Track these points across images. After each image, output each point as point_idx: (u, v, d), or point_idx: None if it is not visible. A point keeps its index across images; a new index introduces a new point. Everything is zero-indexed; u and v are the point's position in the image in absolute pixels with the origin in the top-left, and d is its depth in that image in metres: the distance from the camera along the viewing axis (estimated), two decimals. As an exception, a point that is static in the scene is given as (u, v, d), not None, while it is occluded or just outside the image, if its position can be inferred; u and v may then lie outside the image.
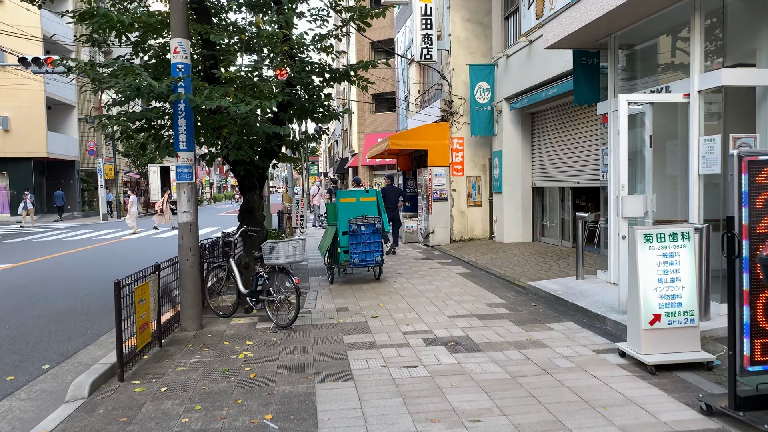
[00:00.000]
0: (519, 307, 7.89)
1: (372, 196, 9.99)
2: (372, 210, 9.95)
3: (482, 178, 15.48)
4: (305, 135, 9.64)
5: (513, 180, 14.11)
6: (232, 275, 7.69)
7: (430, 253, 14.04)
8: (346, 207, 9.86)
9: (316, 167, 37.34)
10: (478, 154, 15.44)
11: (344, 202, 9.87)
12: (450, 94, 15.25)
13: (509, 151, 14.11)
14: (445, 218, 15.25)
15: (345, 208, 9.85)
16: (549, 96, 11.65)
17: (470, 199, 15.41)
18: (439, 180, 15.21)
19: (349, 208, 9.86)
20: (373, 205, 9.97)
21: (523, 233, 14.16)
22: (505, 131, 14.12)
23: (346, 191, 9.70)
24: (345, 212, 9.84)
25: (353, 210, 9.86)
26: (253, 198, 8.75)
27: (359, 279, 10.55)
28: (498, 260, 11.85)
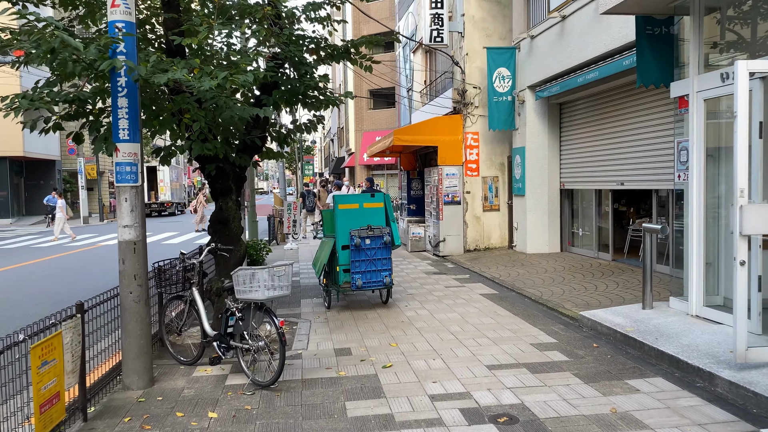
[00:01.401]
0: (577, 349, 5.96)
1: (379, 201, 8.06)
2: (379, 218, 8.03)
3: (500, 178, 13.56)
4: (296, 125, 7.68)
5: (538, 181, 12.20)
6: (195, 309, 5.74)
7: (441, 266, 12.12)
8: (346, 215, 7.93)
9: (311, 167, 35.37)
10: (496, 151, 13.52)
11: (344, 209, 7.94)
12: (463, 83, 13.33)
13: (533, 148, 12.20)
14: (458, 224, 13.33)
15: (345, 217, 7.92)
16: (587, 81, 9.74)
17: (486, 202, 13.50)
18: (450, 181, 13.29)
19: (351, 216, 7.93)
20: (380, 212, 8.05)
21: (549, 242, 12.24)
22: (529, 125, 12.20)
23: (346, 195, 7.78)
24: (345, 221, 7.91)
25: (355, 219, 7.93)
26: (227, 205, 6.80)
27: (362, 302, 8.62)
28: (526, 277, 9.94)
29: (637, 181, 9.61)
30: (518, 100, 12.44)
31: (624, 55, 8.64)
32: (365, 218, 7.96)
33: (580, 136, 11.47)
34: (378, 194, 8.07)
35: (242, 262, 6.91)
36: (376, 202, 8.03)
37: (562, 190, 12.30)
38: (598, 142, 10.75)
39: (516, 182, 12.73)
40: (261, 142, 7.19)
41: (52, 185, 34.86)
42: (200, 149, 5.88)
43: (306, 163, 35.02)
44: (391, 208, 8.13)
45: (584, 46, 9.85)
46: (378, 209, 8.03)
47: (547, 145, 12.18)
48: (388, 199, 8.14)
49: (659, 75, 7.03)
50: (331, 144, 56.49)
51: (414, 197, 16.56)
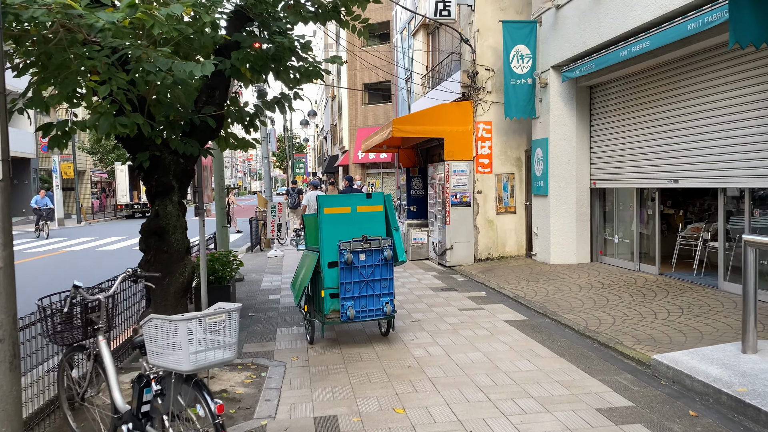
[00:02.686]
0: (669, 421, 4.06)
1: (377, 203, 6.14)
2: (377, 226, 6.12)
3: (516, 176, 11.67)
4: (264, 100, 5.72)
5: (564, 178, 10.30)
6: (102, 368, 3.79)
7: (450, 279, 10.21)
8: (334, 222, 6.01)
9: (302, 165, 33.43)
10: (512, 143, 11.62)
11: (331, 214, 6.02)
12: (474, 64, 11.42)
13: (559, 139, 10.31)
14: (467, 229, 11.42)
15: (332, 224, 6.01)
16: (634, 54, 7.86)
17: (500, 203, 11.60)
18: (459, 179, 11.38)
19: (340, 223, 6.02)
20: (378, 218, 6.13)
21: (577, 251, 10.34)
22: (553, 112, 10.31)
23: (333, 196, 5.86)
24: (332, 230, 5.99)
25: (346, 226, 6.02)
26: (165, 210, 4.87)
27: (355, 332, 6.70)
28: (558, 295, 8.04)
29: (700, 178, 7.73)
30: (540, 83, 10.54)
31: (688, 17, 6.76)
32: (359, 226, 6.04)
33: (616, 125, 9.58)
34: (376, 195, 6.13)
35: (187, 290, 4.98)
36: (373, 204, 6.11)
37: (592, 189, 10.40)
38: (642, 130, 8.87)
39: (536, 180, 10.83)
40: (216, 123, 5.26)
41: (27, 185, 32.80)
42: (110, 125, 3.94)
43: (297, 161, 33.07)
44: (393, 213, 6.21)
45: (628, 11, 7.96)
46: (376, 214, 6.11)
47: (575, 135, 10.29)
48: (389, 200, 6.21)
49: (762, 31, 5.14)
50: (324, 142, 54.58)
51: (414, 197, 14.65)
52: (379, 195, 6.14)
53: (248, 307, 8.29)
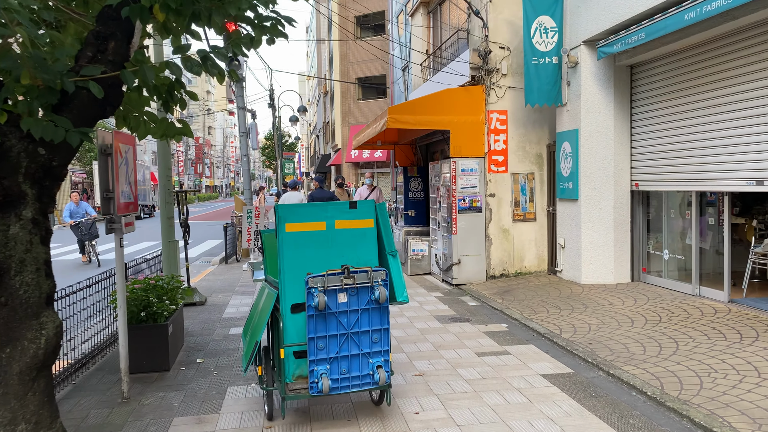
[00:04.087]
0: None
1: (366, 216, 4.17)
2: (366, 251, 4.17)
3: (537, 176, 9.73)
4: (185, 56, 3.74)
5: (598, 179, 8.38)
6: None
7: (459, 303, 8.27)
8: (301, 244, 4.06)
9: (291, 165, 31.42)
10: (532, 137, 9.68)
11: (296, 232, 4.05)
12: (485, 41, 9.47)
13: (592, 131, 8.38)
14: (478, 240, 9.48)
15: (299, 247, 4.06)
16: (705, 17, 5.94)
17: (518, 209, 9.66)
18: (468, 179, 9.44)
19: (310, 245, 4.07)
20: (367, 238, 4.18)
21: (615, 268, 8.41)
22: (585, 97, 8.38)
23: (299, 205, 3.88)
24: (299, 256, 4.05)
25: (320, 251, 4.07)
26: (5, 234, 2.89)
27: (335, 401, 4.72)
28: (606, 332, 6.10)
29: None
30: (568, 62, 8.61)
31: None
32: (338, 251, 4.08)
33: (667, 112, 7.65)
34: (364, 204, 4.16)
35: (45, 368, 3.00)
36: (359, 218, 4.14)
37: (634, 192, 8.47)
38: (705, 118, 6.94)
39: (563, 181, 8.90)
40: (113, 92, 3.30)
41: None
42: None
43: (286, 160, 31.06)
44: (389, 229, 4.24)
45: (700, -42, 6.03)
46: (364, 233, 4.15)
47: (613, 126, 8.35)
48: (382, 211, 4.23)
49: None
50: (316, 141, 52.60)
51: (413, 201, 12.70)
52: (369, 205, 4.17)
53: (198, 348, 6.32)
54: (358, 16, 31.26)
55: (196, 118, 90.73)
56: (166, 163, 7.43)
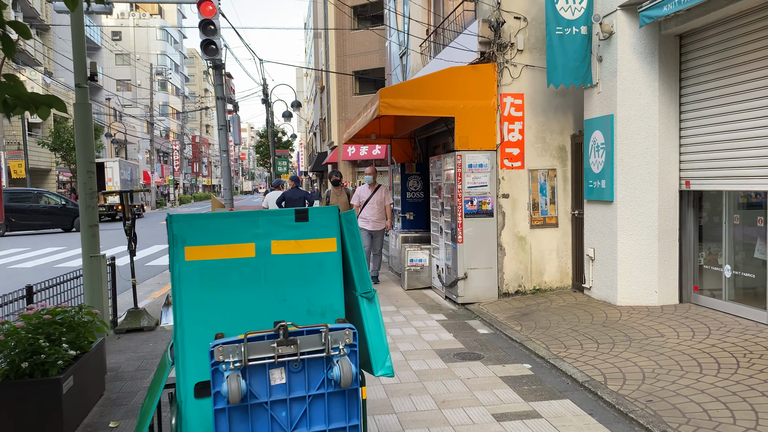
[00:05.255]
0: None
1: (325, 233, 2.56)
2: (324, 289, 2.55)
3: (559, 172, 8.10)
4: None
5: (639, 175, 6.76)
6: None
7: (467, 331, 6.65)
8: (212, 280, 2.43)
9: (285, 163, 29.78)
10: (553, 126, 8.06)
11: (204, 262, 2.43)
12: (498, 11, 7.85)
13: (631, 117, 6.76)
14: (488, 250, 7.87)
15: (208, 286, 2.43)
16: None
17: (536, 212, 8.04)
18: (476, 176, 7.83)
19: (227, 282, 2.44)
20: (326, 267, 2.56)
21: (660, 287, 6.79)
22: (623, 75, 6.76)
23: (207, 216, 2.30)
24: (208, 302, 2.42)
25: (242, 292, 2.45)
26: None
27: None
28: (669, 381, 4.49)
29: None
30: (600, 33, 6.99)
31: None
32: (276, 291, 2.49)
33: (728, 91, 6.02)
34: (321, 213, 2.54)
35: None
36: (313, 236, 2.53)
37: (683, 192, 6.85)
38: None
39: (593, 178, 7.28)
40: None
41: None
42: None
43: (279, 157, 29.45)
44: (360, 253, 2.60)
45: None
46: (320, 260, 2.54)
47: (657, 111, 6.73)
48: (350, 222, 2.60)
49: None
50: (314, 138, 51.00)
51: (412, 202, 11.08)
52: (329, 214, 2.55)
53: (121, 400, 4.70)
54: (355, 6, 29.64)
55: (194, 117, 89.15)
56: (86, 149, 5.76)
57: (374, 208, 9.71)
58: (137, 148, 57.02)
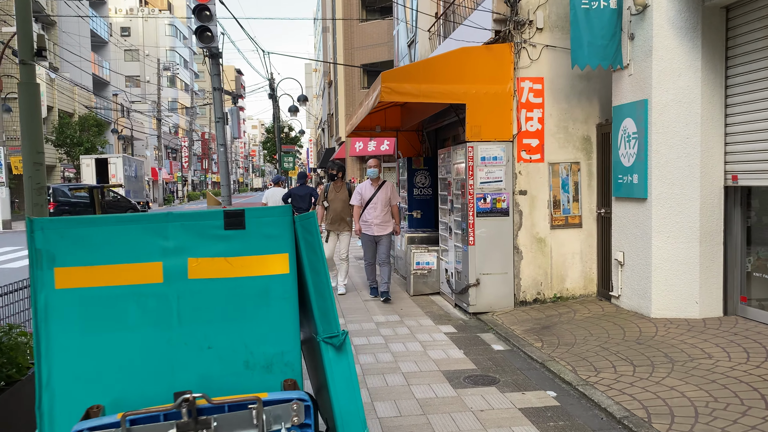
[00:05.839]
0: None
1: (270, 247, 1.73)
2: (267, 331, 1.72)
3: (583, 166, 7.23)
4: None
5: (677, 169, 5.89)
6: None
7: (479, 347, 5.82)
8: (97, 318, 1.60)
9: (291, 158, 29.01)
10: (576, 113, 7.18)
11: (86, 291, 1.61)
12: (514, -16, 6.98)
13: (669, 102, 5.88)
14: (504, 252, 7.02)
15: (91, 328, 1.59)
16: None
17: (557, 211, 7.18)
18: (490, 171, 6.98)
19: (122, 321, 1.60)
20: (272, 298, 1.74)
21: (702, 296, 5.91)
22: (659, 54, 5.88)
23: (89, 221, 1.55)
24: (91, 350, 1.59)
25: (145, 336, 1.60)
26: None
27: None
28: (729, 418, 3.63)
29: None
30: (632, 7, 6.11)
31: None
32: (195, 335, 1.66)
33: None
34: (262, 215, 1.73)
35: None
36: (251, 252, 1.71)
37: (730, 188, 5.96)
38: None
39: (623, 173, 6.40)
40: None
41: None
42: None
43: (286, 153, 28.69)
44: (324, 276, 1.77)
45: None
46: (263, 287, 1.72)
47: (700, 95, 5.84)
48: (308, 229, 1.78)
49: None
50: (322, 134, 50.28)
51: (419, 199, 10.25)
52: (278, 217, 1.73)
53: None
54: (362, -4, 28.83)
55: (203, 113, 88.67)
56: (33, 136, 4.96)
57: (379, 209, 8.18)
58: (145, 144, 56.53)
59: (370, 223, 8.19)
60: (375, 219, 8.16)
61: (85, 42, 41.76)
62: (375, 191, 8.26)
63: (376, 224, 8.18)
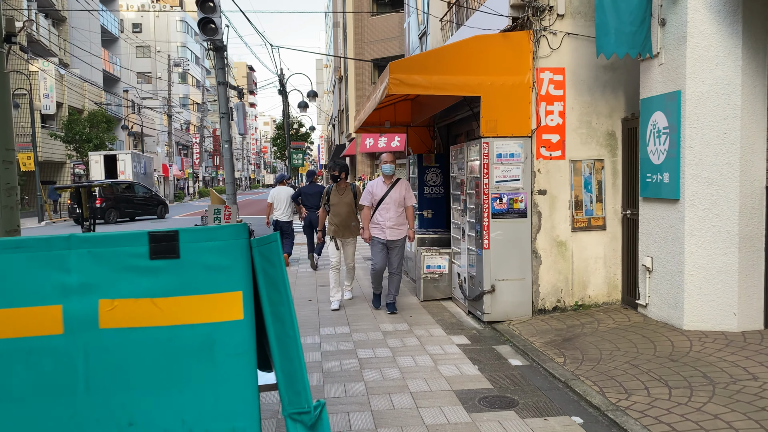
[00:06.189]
0: None
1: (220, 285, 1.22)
2: (222, 392, 1.22)
3: (608, 163, 6.70)
4: None
5: (714, 167, 5.36)
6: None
7: (494, 361, 5.33)
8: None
9: (300, 155, 28.60)
10: (600, 107, 6.65)
11: None
12: (533, -33, 6.46)
13: (705, 94, 5.34)
14: (521, 257, 6.52)
15: None
16: None
17: (579, 212, 6.66)
18: (506, 168, 6.48)
19: (3, 387, 1.11)
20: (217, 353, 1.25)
21: (741, 307, 5.39)
22: (694, 41, 5.35)
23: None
24: None
25: (37, 406, 1.12)
26: None
27: None
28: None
29: None
30: (665, -11, 5.59)
31: None
32: (109, 404, 1.17)
33: None
34: (217, 236, 1.25)
35: None
36: (191, 288, 1.22)
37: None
38: None
39: (652, 171, 5.87)
40: None
41: None
42: None
43: (296, 149, 28.28)
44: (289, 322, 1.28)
45: None
46: (206, 337, 1.23)
47: (740, 86, 5.31)
48: (267, 260, 1.30)
49: None
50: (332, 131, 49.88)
51: (430, 198, 9.77)
52: (227, 240, 1.25)
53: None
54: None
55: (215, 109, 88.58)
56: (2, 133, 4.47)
57: (392, 210, 7.21)
58: (156, 141, 56.39)
59: (382, 225, 7.25)
60: (388, 221, 7.22)
61: (95, 38, 41.60)
62: (388, 189, 7.31)
63: (389, 227, 7.22)
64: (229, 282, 1.24)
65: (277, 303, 1.26)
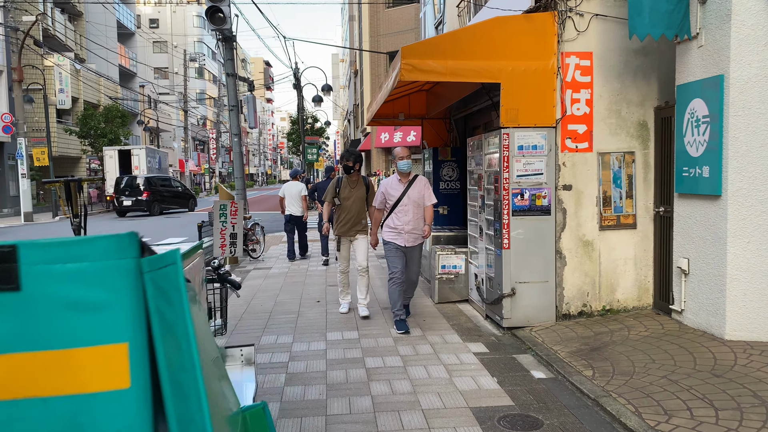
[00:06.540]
0: None
1: (95, 336, 0.77)
2: None
3: (639, 156, 6.16)
4: None
5: (761, 159, 4.84)
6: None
7: (515, 373, 4.85)
8: None
9: (314, 150, 28.20)
10: (631, 94, 6.10)
11: None
12: (559, -57, 5.93)
13: (751, 79, 4.80)
14: (544, 257, 6.02)
15: None
16: None
17: (608, 209, 6.13)
18: (528, 162, 5.97)
19: None
20: (103, 424, 0.77)
21: (791, 317, 4.84)
22: (738, 19, 4.80)
23: None
24: None
25: None
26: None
27: None
28: None
29: None
30: (706, -38, 5.04)
31: None
32: None
33: None
34: (89, 255, 0.78)
35: None
36: (48, 342, 0.76)
37: (829, 183, 4.86)
38: None
39: (690, 164, 5.34)
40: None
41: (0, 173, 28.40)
42: None
43: (310, 144, 27.90)
44: (194, 388, 0.81)
45: None
46: (70, 416, 0.77)
47: (791, 67, 4.75)
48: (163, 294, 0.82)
49: None
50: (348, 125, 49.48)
51: (446, 194, 9.26)
52: (101, 257, 0.79)
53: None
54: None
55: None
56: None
57: (411, 212, 6.31)
58: (173, 136, 56.39)
59: (399, 229, 6.33)
60: (406, 225, 6.30)
61: (111, 33, 41.56)
62: (405, 189, 6.36)
63: (407, 231, 6.32)
64: (105, 328, 0.76)
65: (177, 366, 0.78)
